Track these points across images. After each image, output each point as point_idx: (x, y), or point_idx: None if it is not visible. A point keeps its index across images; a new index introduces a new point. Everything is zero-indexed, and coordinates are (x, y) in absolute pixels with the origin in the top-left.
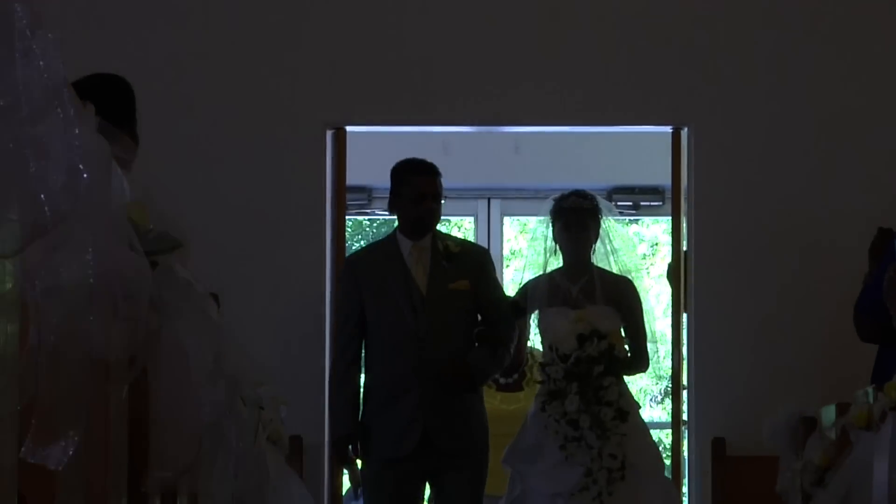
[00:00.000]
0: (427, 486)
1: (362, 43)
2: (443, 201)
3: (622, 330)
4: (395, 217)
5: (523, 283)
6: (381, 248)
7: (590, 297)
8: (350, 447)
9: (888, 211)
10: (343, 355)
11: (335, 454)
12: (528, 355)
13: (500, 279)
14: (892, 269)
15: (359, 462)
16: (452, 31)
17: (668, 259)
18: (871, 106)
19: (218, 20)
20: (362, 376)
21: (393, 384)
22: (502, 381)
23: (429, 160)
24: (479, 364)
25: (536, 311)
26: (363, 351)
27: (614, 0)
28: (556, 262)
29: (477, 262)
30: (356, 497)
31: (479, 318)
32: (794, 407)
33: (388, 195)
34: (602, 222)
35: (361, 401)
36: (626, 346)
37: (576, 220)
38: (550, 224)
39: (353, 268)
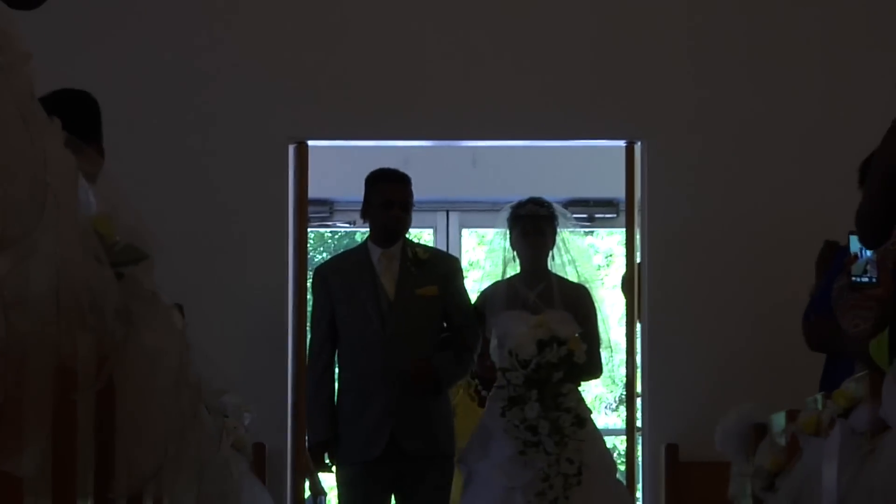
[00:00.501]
0: (394, 494)
1: (324, 59)
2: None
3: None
4: (366, 227)
5: (481, 290)
6: (351, 256)
7: (548, 303)
8: (326, 453)
9: (835, 222)
10: (316, 363)
11: (312, 459)
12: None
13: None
14: (839, 283)
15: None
16: (412, 49)
17: (623, 270)
18: (821, 121)
19: (183, 36)
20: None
21: (362, 388)
22: (484, 393)
23: None
24: (444, 367)
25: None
26: (335, 357)
27: (569, 20)
28: (514, 269)
29: (445, 269)
30: None
31: (446, 324)
32: (746, 413)
33: (348, 208)
34: (558, 231)
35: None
36: (584, 351)
37: (533, 226)
38: (508, 231)
39: (323, 276)
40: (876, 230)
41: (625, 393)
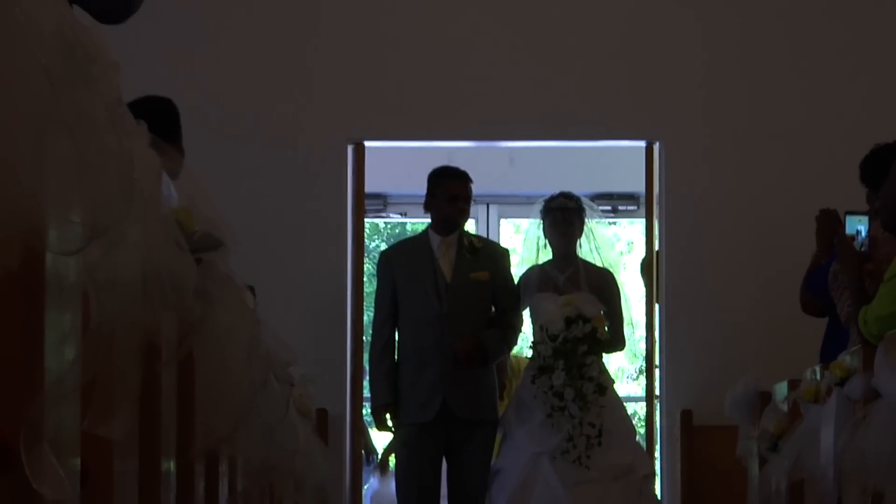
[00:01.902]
0: (445, 453)
1: (379, 70)
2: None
3: (603, 314)
4: (415, 218)
5: (518, 276)
6: (413, 242)
7: (576, 285)
8: (387, 415)
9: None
10: (379, 336)
11: (375, 420)
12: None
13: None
14: (834, 267)
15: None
16: (456, 61)
17: (642, 256)
18: (824, 122)
19: (259, 53)
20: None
21: (419, 358)
22: None
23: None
24: (491, 343)
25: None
26: (396, 331)
27: (595, 37)
28: (547, 255)
29: (497, 257)
30: (368, 462)
31: (493, 305)
32: (752, 382)
33: (400, 201)
34: (586, 221)
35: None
36: (606, 329)
37: (562, 217)
38: (541, 221)
39: (388, 259)
40: None
41: (644, 364)
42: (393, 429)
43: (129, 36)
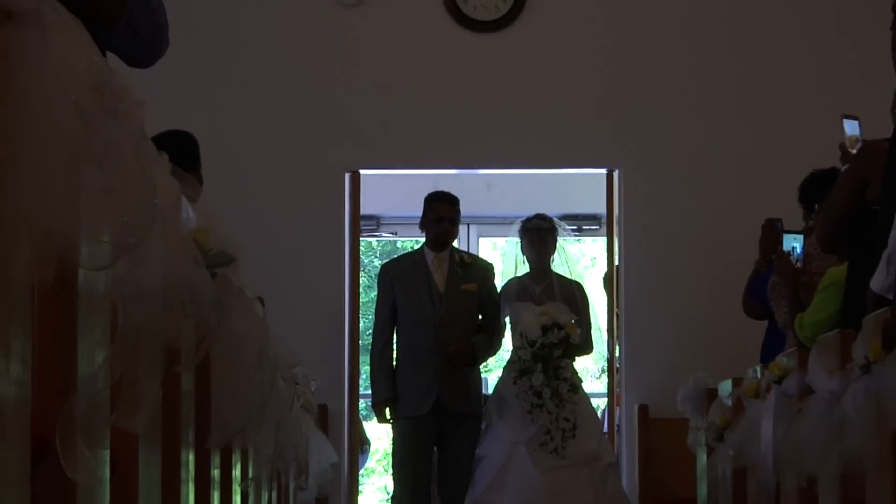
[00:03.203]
0: (436, 443)
1: (373, 107)
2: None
3: (574, 322)
4: (404, 237)
5: (499, 287)
6: (410, 258)
7: (550, 296)
8: (386, 409)
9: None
10: (379, 339)
11: (376, 413)
12: None
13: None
14: (773, 279)
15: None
16: (440, 100)
17: (604, 270)
18: (765, 151)
19: (265, 93)
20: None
21: (415, 359)
22: None
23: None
24: (479, 346)
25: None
26: (394, 335)
27: (563, 75)
28: (524, 269)
29: (483, 272)
30: (362, 451)
31: (481, 314)
32: (701, 380)
33: (391, 222)
34: (558, 239)
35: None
36: (578, 334)
37: (538, 236)
38: (519, 240)
39: (388, 272)
40: (837, 230)
41: (606, 364)
42: (391, 421)
43: (152, 78)
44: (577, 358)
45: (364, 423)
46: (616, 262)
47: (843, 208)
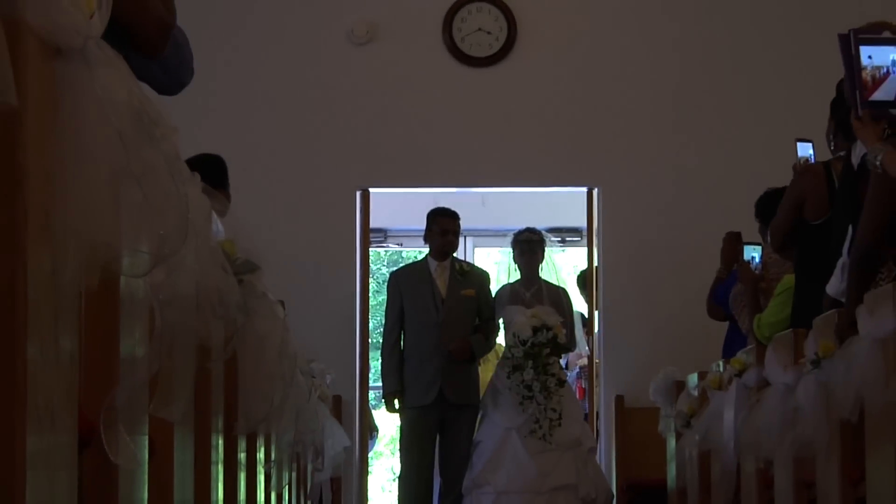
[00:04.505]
0: (439, 431)
1: (381, 133)
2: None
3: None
4: (409, 248)
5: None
6: (416, 266)
7: (539, 300)
8: (395, 400)
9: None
10: (389, 338)
11: (386, 403)
12: None
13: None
14: (735, 289)
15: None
16: (441, 125)
17: (579, 270)
18: (728, 170)
19: (284, 119)
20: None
21: (421, 356)
22: None
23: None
24: (477, 344)
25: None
26: (402, 334)
27: (549, 104)
28: (515, 276)
29: (481, 279)
30: (371, 437)
31: (478, 316)
32: (670, 373)
33: (397, 234)
34: (546, 249)
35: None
36: (564, 334)
37: (528, 248)
38: (511, 250)
39: (396, 279)
40: (783, 241)
41: (587, 360)
42: (399, 411)
43: (184, 105)
44: (562, 354)
45: (373, 411)
46: (595, 269)
47: (784, 225)
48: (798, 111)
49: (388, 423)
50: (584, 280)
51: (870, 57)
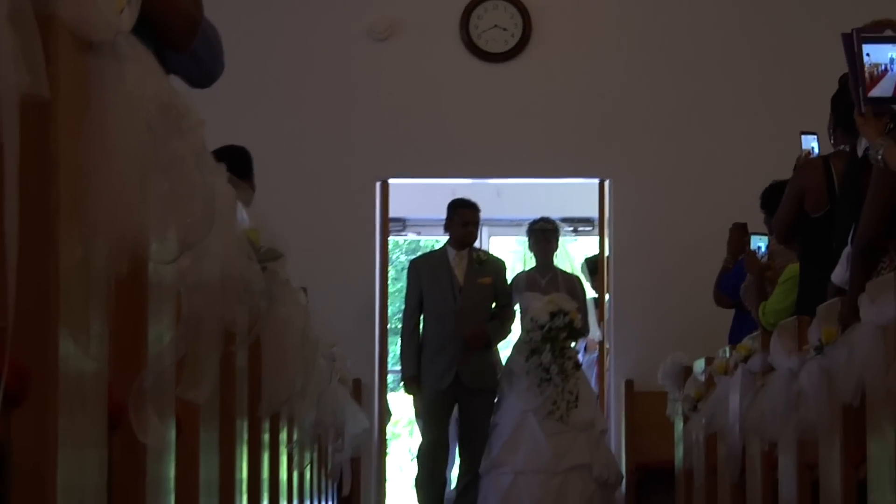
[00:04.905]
0: (456, 408)
1: (401, 126)
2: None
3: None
4: (426, 237)
5: (510, 279)
6: (435, 255)
7: (554, 287)
8: (414, 384)
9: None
10: (408, 324)
11: (404, 387)
12: None
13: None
14: (746, 282)
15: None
16: (458, 119)
17: (585, 256)
18: (735, 163)
19: (308, 112)
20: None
21: (439, 342)
22: None
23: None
24: (493, 331)
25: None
26: (421, 321)
27: (564, 98)
28: (531, 265)
29: (497, 267)
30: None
31: (494, 303)
32: (678, 359)
33: (416, 224)
34: (560, 238)
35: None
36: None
37: (543, 236)
38: (527, 239)
39: (416, 267)
40: (787, 233)
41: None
42: (417, 393)
43: (211, 98)
44: (578, 339)
45: (389, 394)
46: (606, 258)
47: (787, 219)
48: (808, 104)
49: (403, 406)
50: (590, 266)
51: (868, 55)
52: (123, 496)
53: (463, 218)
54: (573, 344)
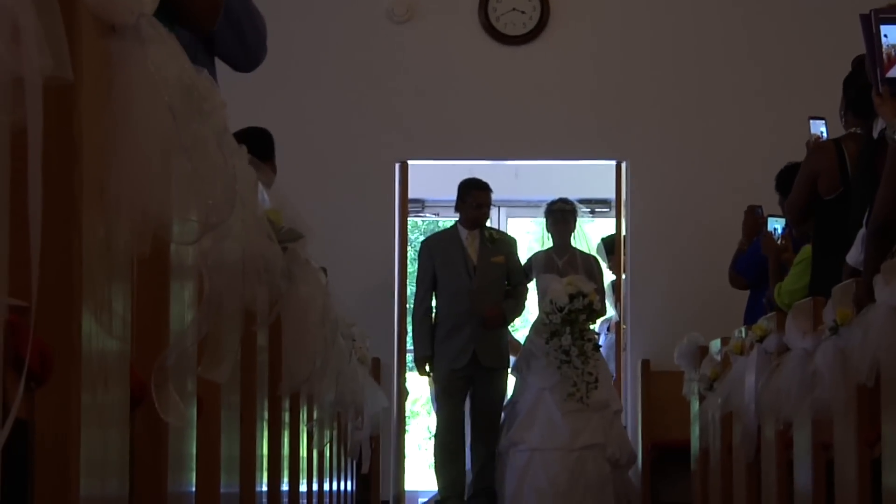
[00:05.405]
0: (470, 392)
1: (419, 108)
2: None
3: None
4: (444, 218)
5: (527, 259)
6: (447, 234)
7: (573, 268)
8: (426, 364)
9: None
10: (421, 304)
11: (417, 367)
12: None
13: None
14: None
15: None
16: (476, 101)
17: (602, 236)
18: (751, 145)
19: (329, 95)
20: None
21: (453, 321)
22: None
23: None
24: (509, 310)
25: (536, 275)
26: (434, 300)
27: (581, 80)
28: (549, 244)
29: (509, 246)
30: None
31: (507, 282)
32: (694, 339)
33: (434, 205)
34: (578, 219)
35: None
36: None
37: (561, 217)
38: (545, 219)
39: (429, 246)
40: (800, 216)
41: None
42: (430, 374)
43: (232, 80)
44: (597, 320)
45: (407, 373)
46: (623, 239)
47: (799, 202)
48: (825, 87)
49: (420, 386)
50: (607, 246)
51: (885, 35)
52: (145, 474)
53: (477, 200)
54: (592, 326)
